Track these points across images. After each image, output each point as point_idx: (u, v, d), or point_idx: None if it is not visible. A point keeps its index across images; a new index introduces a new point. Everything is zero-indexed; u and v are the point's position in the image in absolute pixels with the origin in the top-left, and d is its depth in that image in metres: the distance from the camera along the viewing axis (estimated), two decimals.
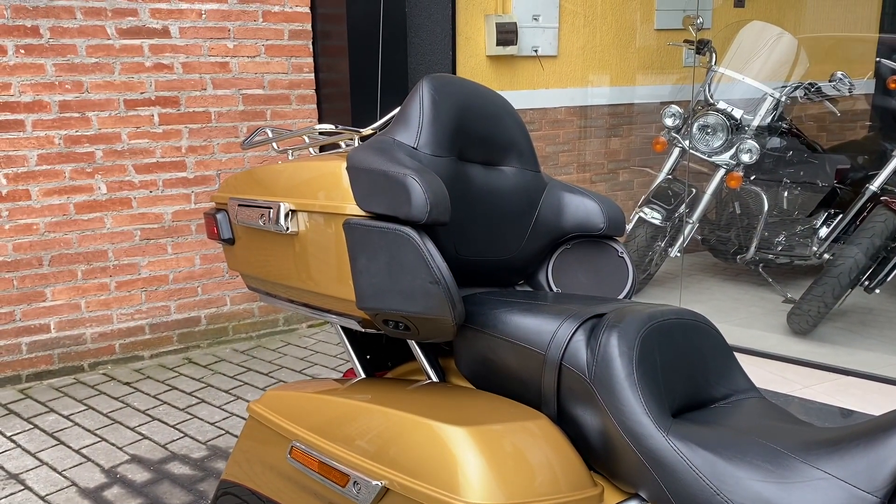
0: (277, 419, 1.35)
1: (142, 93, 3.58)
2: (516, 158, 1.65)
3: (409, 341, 1.48)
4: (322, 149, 1.69)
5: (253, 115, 3.87)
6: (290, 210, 1.42)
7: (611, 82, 5.02)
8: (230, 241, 1.62)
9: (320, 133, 1.60)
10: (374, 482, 1.13)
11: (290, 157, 1.67)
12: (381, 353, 1.68)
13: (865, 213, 3.80)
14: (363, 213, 1.30)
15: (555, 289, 1.67)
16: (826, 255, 3.97)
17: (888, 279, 3.73)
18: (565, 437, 1.20)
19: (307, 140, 1.68)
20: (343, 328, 1.59)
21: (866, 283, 3.75)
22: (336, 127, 1.55)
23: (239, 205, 1.54)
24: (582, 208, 1.69)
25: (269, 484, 1.36)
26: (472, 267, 1.53)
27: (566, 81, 4.83)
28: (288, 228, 1.42)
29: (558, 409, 1.23)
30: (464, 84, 1.53)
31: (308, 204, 1.39)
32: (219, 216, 1.63)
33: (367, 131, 1.56)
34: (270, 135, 1.67)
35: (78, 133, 3.47)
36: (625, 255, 1.71)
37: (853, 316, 4.15)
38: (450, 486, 1.06)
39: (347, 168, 1.34)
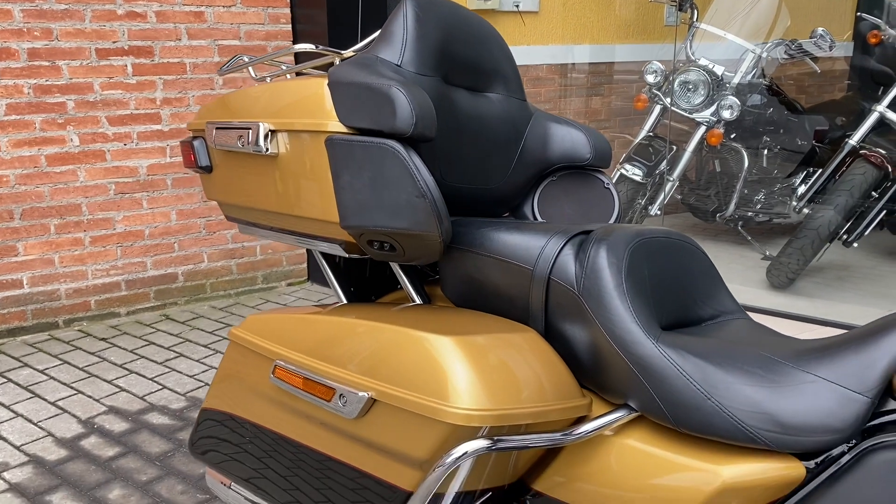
0: (260, 341, 1.32)
1: (114, 42, 3.48)
2: (502, 85, 1.61)
3: (393, 267, 1.45)
4: (300, 76, 1.64)
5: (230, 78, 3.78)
6: (270, 130, 1.37)
7: (592, 40, 4.98)
8: (208, 169, 1.57)
9: (299, 53, 1.55)
10: (361, 393, 1.11)
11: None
12: (365, 286, 1.65)
13: (844, 168, 3.82)
14: (346, 130, 1.26)
15: (540, 220, 1.65)
16: (805, 211, 3.99)
17: (866, 233, 3.76)
18: (553, 349, 1.18)
19: (285, 68, 1.64)
20: (326, 258, 1.56)
21: (845, 236, 3.77)
22: (316, 47, 1.51)
23: (216, 128, 1.49)
24: (568, 138, 1.66)
25: (252, 408, 1.34)
26: (457, 195, 1.50)
27: (547, 38, 4.78)
28: (267, 150, 1.38)
29: (546, 325, 1.22)
30: (449, 6, 1.49)
31: (288, 123, 1.35)
32: (195, 143, 1.58)
33: (348, 53, 1.51)
34: (247, 60, 1.62)
35: (48, 82, 3.37)
36: (611, 187, 1.69)
37: (831, 272, 4.19)
38: (437, 393, 1.04)
39: (329, 84, 1.30)
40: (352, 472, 1.16)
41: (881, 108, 3.78)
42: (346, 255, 1.41)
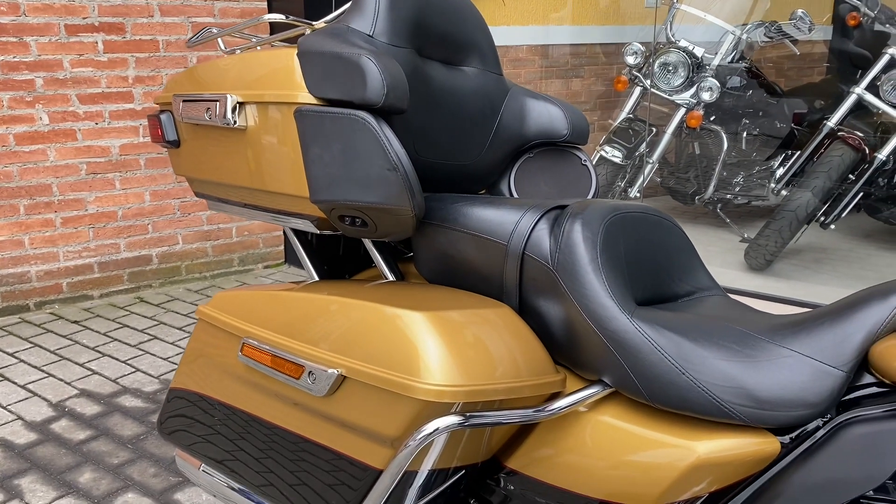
0: (228, 318, 1.29)
1: (84, 18, 3.40)
2: (478, 59, 1.58)
3: (366, 244, 1.42)
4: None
5: (203, 45, 3.71)
6: (238, 103, 1.33)
7: (573, 21, 4.94)
8: (175, 144, 1.53)
9: (272, 25, 1.51)
10: (330, 370, 1.08)
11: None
12: (338, 264, 1.62)
13: (822, 150, 3.83)
14: (315, 101, 1.23)
15: (516, 197, 1.63)
16: (783, 193, 4.00)
17: (843, 214, 3.78)
18: (527, 325, 1.16)
19: (255, 41, 1.59)
20: (298, 235, 1.53)
21: (822, 218, 3.79)
22: (287, 18, 1.46)
23: (183, 101, 1.45)
24: (545, 114, 1.63)
25: (221, 387, 1.31)
26: (431, 172, 1.47)
27: (527, 19, 4.73)
28: (236, 122, 1.34)
29: (521, 301, 1.19)
30: None
31: (257, 95, 1.31)
32: (163, 117, 1.53)
33: (319, 23, 1.47)
34: (216, 32, 1.57)
35: (16, 59, 3.29)
36: (588, 164, 1.67)
37: (808, 254, 4.21)
38: (408, 369, 1.02)
39: (299, 54, 1.26)
40: (322, 452, 1.14)
41: (859, 89, 3.79)
42: (318, 232, 1.38)
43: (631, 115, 4.40)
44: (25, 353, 3.07)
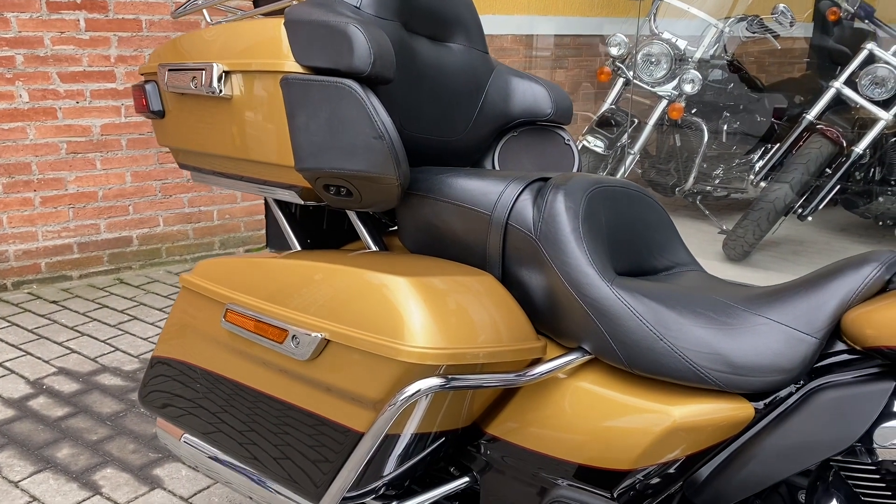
0: (211, 285, 1.29)
1: None
2: (464, 36, 1.59)
3: (350, 216, 1.43)
4: None
5: (187, 25, 3.68)
6: (224, 72, 1.34)
7: (557, 12, 4.96)
8: (160, 114, 1.52)
9: None
10: (314, 334, 1.09)
11: None
12: (321, 238, 1.63)
13: (801, 143, 3.88)
14: (302, 70, 1.23)
15: None
16: (762, 185, 4.05)
17: (820, 207, 3.84)
18: (509, 293, 1.17)
19: (241, 14, 1.59)
20: (282, 208, 1.53)
21: (800, 210, 3.85)
22: None
23: (169, 70, 1.45)
24: (530, 93, 1.65)
25: (204, 354, 1.31)
26: (416, 147, 1.48)
27: (512, 8, 4.75)
28: (221, 91, 1.34)
29: (503, 270, 1.21)
30: None
31: (243, 64, 1.31)
32: (147, 87, 1.53)
33: None
34: (201, 2, 1.57)
35: None
36: (571, 143, 1.69)
37: (786, 246, 4.27)
38: (392, 332, 1.03)
39: (286, 23, 1.26)
40: (304, 416, 1.15)
41: (838, 84, 3.84)
42: (302, 203, 1.39)
43: (613, 106, 4.43)
44: (2, 332, 3.04)
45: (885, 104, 3.77)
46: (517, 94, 1.64)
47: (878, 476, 0.96)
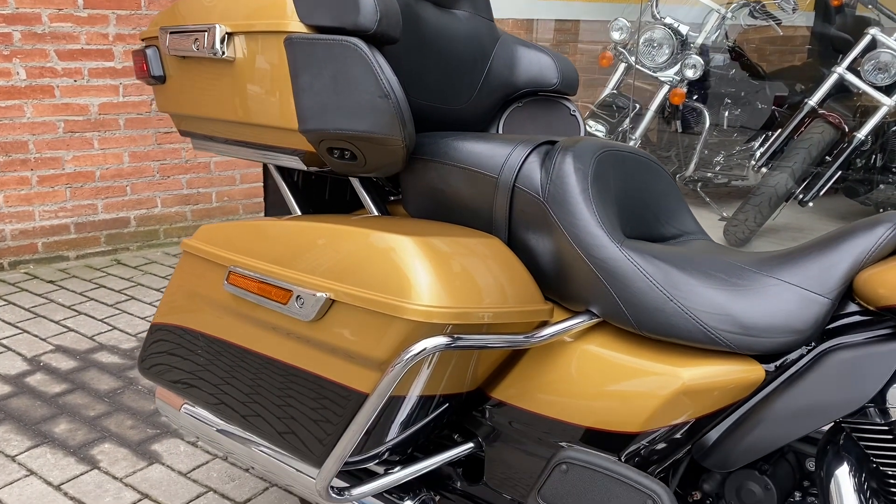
0: (213, 249, 1.27)
1: None
2: (470, 3, 1.57)
3: (354, 183, 1.41)
4: None
5: None
6: (227, 33, 1.31)
7: None
8: (161, 79, 1.50)
9: None
10: (319, 294, 1.07)
11: None
12: (322, 209, 1.61)
13: (803, 129, 3.87)
14: (306, 29, 1.21)
15: None
16: (763, 170, 4.03)
17: (821, 193, 3.83)
18: (515, 256, 1.16)
19: None
20: (284, 177, 1.51)
21: (800, 196, 3.83)
22: None
23: (170, 33, 1.42)
24: (535, 63, 1.63)
25: (206, 319, 1.29)
26: (421, 114, 1.46)
27: None
28: (224, 53, 1.32)
29: (510, 234, 1.19)
30: None
31: (246, 25, 1.29)
32: (148, 51, 1.50)
33: None
34: None
35: None
36: (576, 114, 1.67)
37: (786, 232, 4.26)
38: (398, 291, 1.01)
39: None
40: (308, 379, 1.13)
41: (840, 69, 3.82)
42: (305, 168, 1.37)
43: (615, 91, 4.41)
44: None
45: (887, 90, 3.75)
46: (523, 64, 1.62)
47: (890, 437, 0.95)
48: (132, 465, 2.02)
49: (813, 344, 1.01)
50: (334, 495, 1.12)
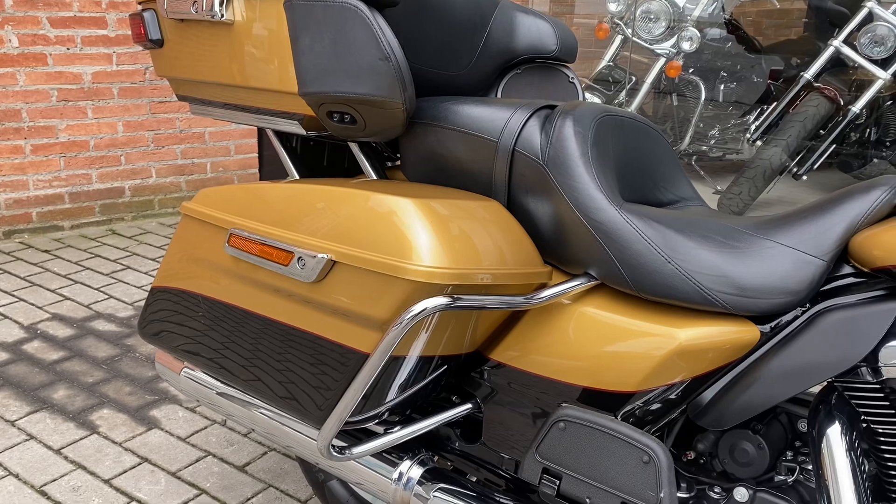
0: (214, 211, 1.28)
1: None
2: None
3: (352, 148, 1.41)
4: None
5: None
6: None
7: None
8: (159, 43, 1.49)
9: None
10: (320, 255, 1.08)
11: None
12: (321, 175, 1.61)
13: (798, 102, 3.87)
14: None
15: None
16: (758, 144, 4.04)
17: (815, 167, 3.84)
18: (515, 219, 1.17)
19: None
20: (282, 142, 1.51)
21: (795, 169, 3.85)
22: None
23: None
24: (535, 29, 1.62)
25: (206, 282, 1.30)
26: (418, 81, 1.46)
27: None
28: (223, 16, 1.31)
29: (509, 198, 1.20)
30: None
31: None
32: (146, 14, 1.49)
33: None
34: None
35: None
36: (576, 81, 1.67)
37: (780, 206, 4.28)
38: (399, 252, 1.02)
39: None
40: (309, 340, 1.14)
41: (837, 42, 3.82)
42: (305, 133, 1.37)
43: (611, 64, 4.40)
44: None
45: (883, 64, 3.75)
46: (522, 30, 1.62)
47: (881, 395, 0.97)
48: (131, 430, 2.03)
49: (808, 305, 1.03)
50: (335, 454, 1.14)
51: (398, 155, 1.46)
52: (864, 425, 1.01)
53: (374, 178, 1.40)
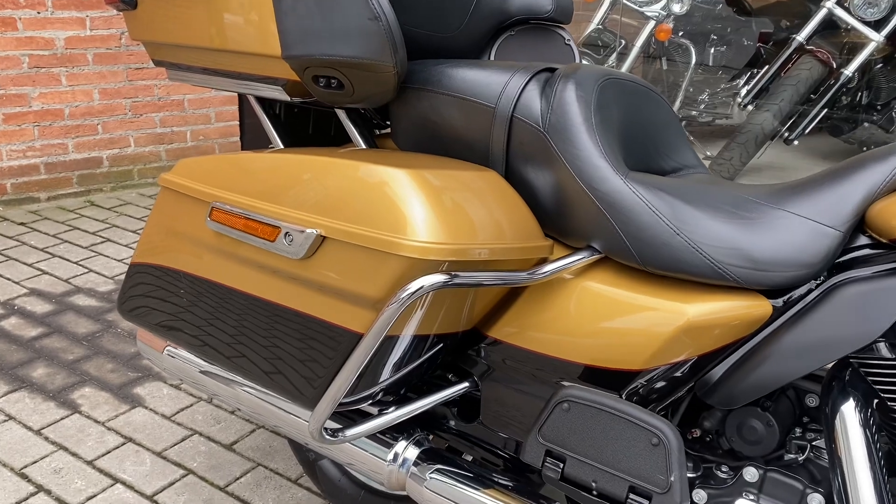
0: (194, 184, 1.21)
1: None
2: None
3: (340, 115, 1.34)
4: None
5: None
6: None
7: None
8: (132, 4, 1.41)
9: None
10: (308, 230, 1.01)
11: None
12: (306, 144, 1.54)
13: (790, 65, 3.81)
14: None
15: None
16: (749, 108, 3.98)
17: (807, 131, 3.80)
18: (514, 190, 1.11)
19: None
20: (265, 109, 1.43)
21: (786, 134, 3.80)
22: None
23: None
24: None
25: (186, 258, 1.23)
26: (409, 42, 1.38)
27: None
28: None
29: (507, 167, 1.14)
30: None
31: None
32: None
33: None
34: None
35: None
36: (571, 43, 1.60)
37: (770, 171, 4.24)
38: (393, 227, 0.96)
39: None
40: (299, 319, 1.08)
41: (830, 4, 3.75)
42: (289, 99, 1.29)
43: (600, 27, 4.31)
44: None
45: (876, 25, 3.69)
46: None
47: None
48: (114, 408, 1.98)
49: (822, 278, 0.98)
50: (328, 436, 1.09)
51: (388, 122, 1.39)
52: (880, 401, 0.97)
53: (363, 146, 1.33)
